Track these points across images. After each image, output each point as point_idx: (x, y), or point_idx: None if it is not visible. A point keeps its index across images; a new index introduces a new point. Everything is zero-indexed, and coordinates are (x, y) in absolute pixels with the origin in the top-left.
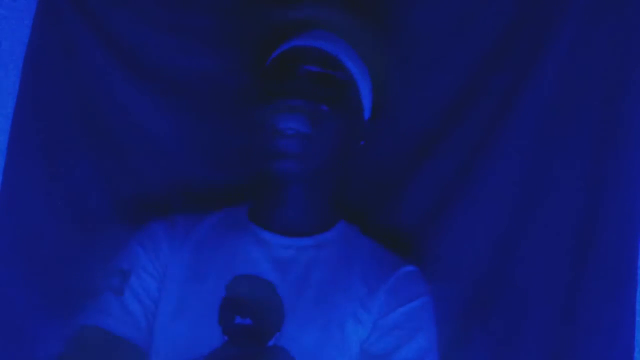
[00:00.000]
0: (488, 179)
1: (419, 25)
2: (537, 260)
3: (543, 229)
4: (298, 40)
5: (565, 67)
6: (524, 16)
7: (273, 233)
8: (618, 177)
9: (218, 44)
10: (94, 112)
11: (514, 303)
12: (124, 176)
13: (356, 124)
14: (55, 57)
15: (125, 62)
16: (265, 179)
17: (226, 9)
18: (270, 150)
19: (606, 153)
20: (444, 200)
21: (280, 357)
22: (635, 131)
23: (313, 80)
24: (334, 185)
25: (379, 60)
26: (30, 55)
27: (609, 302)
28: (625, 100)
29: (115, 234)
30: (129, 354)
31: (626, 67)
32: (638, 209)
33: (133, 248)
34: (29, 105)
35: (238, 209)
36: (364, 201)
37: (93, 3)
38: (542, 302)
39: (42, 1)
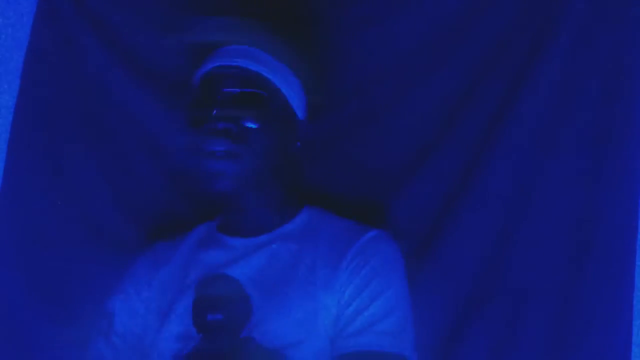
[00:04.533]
0: (487, 178)
1: (418, 28)
2: (535, 259)
3: (541, 227)
4: (218, 59)
5: (563, 68)
6: (523, 18)
7: (237, 237)
8: (616, 176)
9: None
10: (94, 112)
11: (512, 300)
12: (124, 175)
13: (287, 128)
14: (55, 57)
15: (125, 61)
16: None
17: (226, 9)
18: (205, 172)
19: (605, 152)
20: (444, 200)
21: (249, 346)
22: (633, 131)
23: (234, 101)
24: (285, 182)
25: (303, 60)
26: (30, 55)
27: (607, 299)
28: (623, 101)
29: (117, 233)
30: None
31: (624, 68)
32: (636, 207)
33: (117, 291)
34: (29, 105)
35: (210, 224)
36: (363, 201)
37: (93, 3)
38: (540, 299)
39: (42, 1)
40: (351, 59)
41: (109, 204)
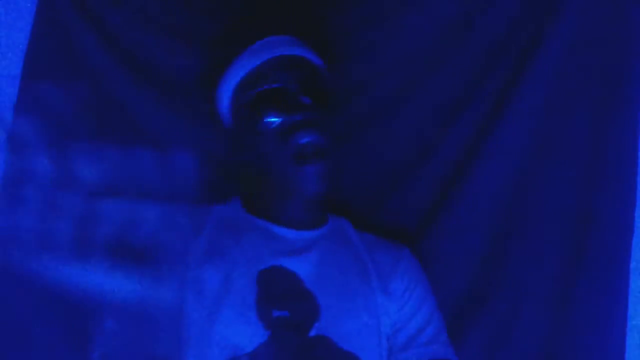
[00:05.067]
0: (483, 178)
1: (416, 27)
2: (531, 258)
3: (538, 226)
4: (269, 50)
5: (561, 67)
6: (523, 17)
7: (284, 227)
8: (613, 174)
9: (217, 45)
10: (93, 113)
11: (507, 301)
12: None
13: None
14: (55, 57)
15: (125, 62)
16: (286, 191)
17: (226, 9)
18: (303, 175)
19: (602, 151)
20: (440, 200)
21: (325, 345)
22: (630, 129)
23: (313, 91)
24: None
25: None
26: (30, 55)
27: (601, 300)
28: (621, 100)
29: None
30: None
31: (623, 66)
32: (633, 206)
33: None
34: (29, 105)
35: (229, 206)
36: (361, 201)
37: (92, 3)
38: (534, 300)
39: (42, 1)
40: (352, 60)
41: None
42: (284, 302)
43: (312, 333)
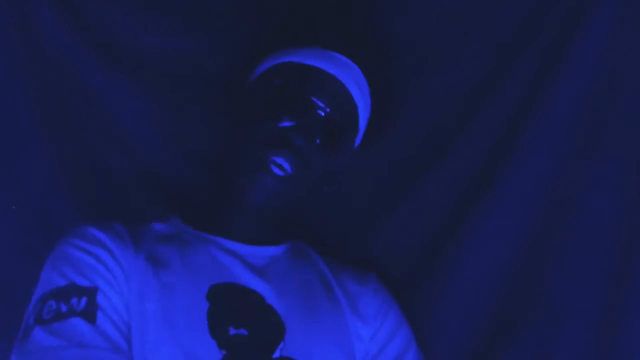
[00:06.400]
0: (513, 180)
1: (430, 13)
2: (573, 272)
3: (580, 235)
4: (310, 56)
5: (602, 53)
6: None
7: (237, 242)
8: None
9: (195, 23)
10: (53, 98)
11: (547, 320)
12: (87, 171)
13: (339, 164)
14: (9, 35)
15: (91, 41)
16: (240, 191)
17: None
18: (254, 182)
19: None
20: (461, 205)
21: None
22: None
23: (319, 121)
24: (299, 201)
25: (382, 88)
26: None
27: None
28: None
29: None
30: None
31: None
32: None
33: (83, 258)
34: None
35: (172, 221)
36: (369, 208)
37: None
38: (579, 319)
39: None
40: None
41: (68, 204)
42: (241, 319)
43: (276, 354)
